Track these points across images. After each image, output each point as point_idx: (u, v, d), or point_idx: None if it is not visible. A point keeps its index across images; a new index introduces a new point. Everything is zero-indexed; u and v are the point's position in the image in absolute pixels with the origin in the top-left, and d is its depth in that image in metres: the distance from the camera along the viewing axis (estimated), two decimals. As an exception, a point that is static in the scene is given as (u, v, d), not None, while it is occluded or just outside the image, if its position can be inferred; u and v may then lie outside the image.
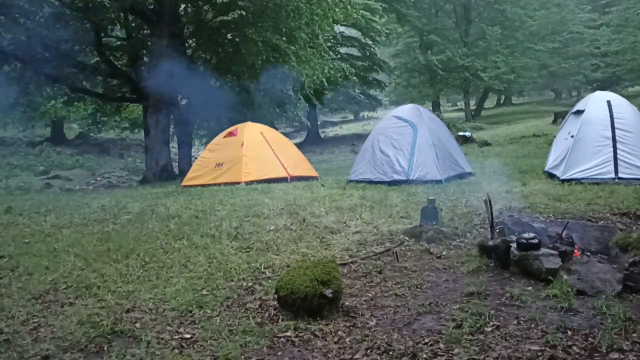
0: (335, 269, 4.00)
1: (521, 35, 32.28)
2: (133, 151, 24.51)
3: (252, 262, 4.97)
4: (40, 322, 3.85)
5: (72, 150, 22.68)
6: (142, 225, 6.36)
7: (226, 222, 6.24)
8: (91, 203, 7.86)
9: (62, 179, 16.88)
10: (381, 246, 5.37)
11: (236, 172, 10.15)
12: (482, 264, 4.68)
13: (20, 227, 6.54)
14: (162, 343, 3.50)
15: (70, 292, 4.38)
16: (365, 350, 3.29)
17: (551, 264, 4.23)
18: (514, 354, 3.10)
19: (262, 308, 4.01)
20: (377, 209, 6.81)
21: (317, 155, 20.36)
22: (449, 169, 9.12)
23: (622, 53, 29.31)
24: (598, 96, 8.65)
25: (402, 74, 34.26)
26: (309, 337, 3.52)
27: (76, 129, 27.80)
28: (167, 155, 14.88)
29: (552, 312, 3.64)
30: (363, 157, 9.48)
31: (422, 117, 9.38)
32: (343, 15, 16.14)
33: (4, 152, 20.87)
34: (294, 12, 13.79)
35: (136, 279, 4.65)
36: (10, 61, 13.97)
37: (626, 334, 3.25)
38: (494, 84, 31.40)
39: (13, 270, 4.98)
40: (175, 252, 5.30)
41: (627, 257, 4.39)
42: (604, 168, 7.79)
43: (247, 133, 10.82)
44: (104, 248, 5.51)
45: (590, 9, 36.32)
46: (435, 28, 32.35)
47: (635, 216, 6.01)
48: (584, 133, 8.08)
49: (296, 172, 10.65)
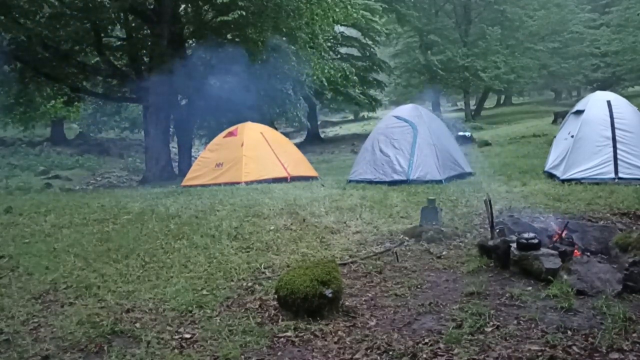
0: (335, 269, 4.00)
1: (521, 35, 32.27)
2: (133, 151, 24.49)
3: (252, 262, 4.97)
4: (40, 322, 3.85)
5: (72, 150, 22.67)
6: (142, 225, 6.35)
7: (226, 222, 6.24)
8: (91, 203, 7.85)
9: (62, 179, 16.87)
10: (381, 246, 5.37)
11: (236, 172, 10.15)
12: (482, 264, 4.68)
13: (20, 227, 6.54)
14: (162, 343, 3.50)
15: (70, 292, 4.38)
16: (365, 350, 3.29)
17: (551, 264, 4.23)
18: (514, 354, 3.10)
19: (262, 308, 4.01)
20: (377, 209, 6.81)
21: (317, 155, 20.34)
22: (449, 169, 9.12)
23: (622, 53, 29.28)
24: (598, 96, 8.66)
25: (402, 74, 34.24)
26: (309, 337, 3.52)
27: (76, 129, 27.78)
28: (167, 155, 14.88)
29: (552, 312, 3.63)
30: (363, 157, 9.49)
31: (422, 117, 9.38)
32: (343, 15, 16.14)
33: (4, 152, 20.87)
34: (294, 12, 13.79)
35: (136, 279, 4.65)
36: (10, 61, 13.96)
37: (626, 334, 3.24)
38: (494, 84, 31.39)
39: (13, 270, 4.97)
40: (175, 252, 5.30)
41: (627, 257, 4.39)
42: (604, 168, 7.80)
43: (247, 133, 10.83)
44: (104, 248, 5.51)
45: (590, 9, 36.29)
46: (435, 28, 32.33)
47: (635, 216, 6.00)
48: (584, 133, 8.08)
49: (296, 172, 10.65)
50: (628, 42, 28.39)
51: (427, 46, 31.85)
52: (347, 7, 16.21)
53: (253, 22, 13.73)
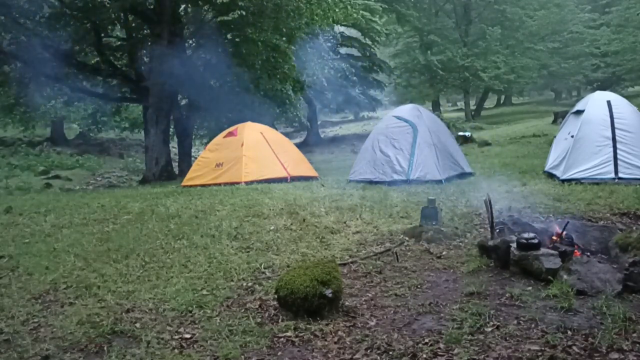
0: (335, 269, 4.00)
1: (521, 35, 32.27)
2: (133, 151, 24.50)
3: (252, 262, 4.97)
4: (40, 322, 3.86)
5: (72, 150, 22.66)
6: (142, 225, 6.35)
7: (226, 222, 6.24)
8: (91, 203, 7.85)
9: (62, 179, 16.86)
10: (381, 246, 5.37)
11: (236, 172, 10.14)
12: (482, 264, 4.68)
13: (20, 227, 6.54)
14: (162, 343, 3.50)
15: (70, 292, 4.38)
16: (365, 350, 3.29)
17: (551, 264, 4.23)
18: (514, 354, 3.10)
19: (262, 308, 4.01)
20: (377, 209, 6.81)
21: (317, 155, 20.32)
22: (449, 169, 9.12)
23: (622, 53, 29.29)
24: (598, 96, 8.65)
25: (402, 74, 34.24)
26: (309, 337, 3.52)
27: (76, 129, 27.76)
28: (167, 155, 14.88)
29: (552, 312, 3.63)
30: (363, 157, 9.48)
31: (422, 117, 9.38)
32: (343, 15, 16.14)
33: (4, 152, 20.85)
34: (294, 12, 13.78)
35: (136, 279, 4.65)
36: (10, 61, 13.97)
37: (626, 334, 3.24)
38: (494, 84, 31.39)
39: (13, 270, 4.98)
40: (175, 252, 5.30)
41: (627, 257, 4.39)
42: (604, 168, 7.79)
43: (247, 133, 10.82)
44: (104, 248, 5.51)
45: (590, 9, 36.26)
46: (435, 28, 32.33)
47: (635, 216, 6.01)
48: (584, 133, 8.08)
49: (296, 172, 10.64)
50: (628, 42, 28.40)
51: (427, 46, 31.85)
52: (347, 7, 16.22)
53: (253, 22, 13.73)
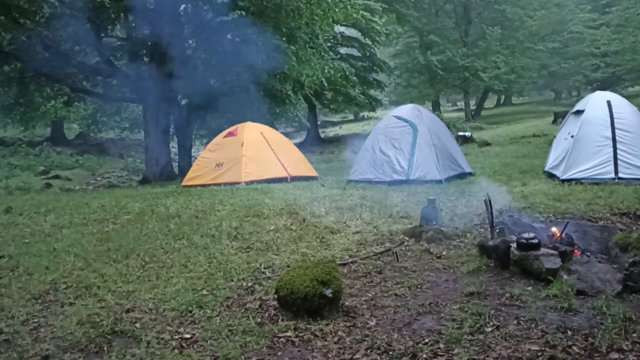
0: (335, 269, 4.00)
1: (521, 35, 32.26)
2: (133, 151, 24.49)
3: (252, 262, 4.97)
4: (40, 322, 3.86)
5: (72, 150, 22.65)
6: (142, 225, 6.35)
7: (226, 222, 6.24)
8: (91, 203, 7.85)
9: (62, 179, 16.85)
10: (381, 246, 5.37)
11: (236, 172, 10.14)
12: (482, 264, 4.68)
13: (20, 227, 6.54)
14: (162, 343, 3.50)
15: (70, 292, 4.38)
16: (365, 350, 3.29)
17: (551, 264, 4.23)
18: (514, 354, 3.10)
19: (262, 308, 4.01)
20: (377, 209, 6.81)
21: (317, 155, 20.34)
22: (449, 169, 9.12)
23: (622, 53, 29.26)
24: (598, 96, 8.65)
25: (402, 74, 34.24)
26: (309, 337, 3.52)
27: (76, 129, 27.76)
28: (167, 155, 14.87)
29: (552, 312, 3.64)
30: (363, 157, 9.48)
31: (422, 117, 9.38)
32: (343, 15, 16.12)
33: (4, 152, 20.85)
34: (294, 12, 13.77)
35: (136, 279, 4.65)
36: (10, 61, 13.96)
37: (626, 334, 3.24)
38: (494, 84, 31.40)
39: (13, 270, 4.98)
40: (175, 252, 5.30)
41: (627, 257, 4.39)
42: (604, 168, 7.80)
43: (247, 133, 10.81)
44: (104, 248, 5.51)
45: (590, 9, 36.25)
46: (435, 28, 32.31)
47: (635, 216, 6.01)
48: (584, 133, 8.08)
49: (296, 172, 10.64)
50: (628, 42, 28.38)
51: (427, 46, 31.84)
52: (347, 7, 16.19)
53: (253, 22, 13.73)
